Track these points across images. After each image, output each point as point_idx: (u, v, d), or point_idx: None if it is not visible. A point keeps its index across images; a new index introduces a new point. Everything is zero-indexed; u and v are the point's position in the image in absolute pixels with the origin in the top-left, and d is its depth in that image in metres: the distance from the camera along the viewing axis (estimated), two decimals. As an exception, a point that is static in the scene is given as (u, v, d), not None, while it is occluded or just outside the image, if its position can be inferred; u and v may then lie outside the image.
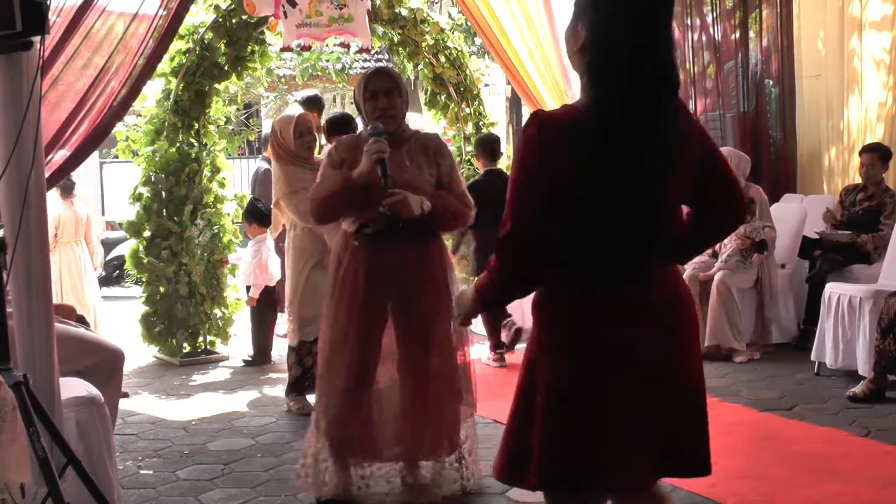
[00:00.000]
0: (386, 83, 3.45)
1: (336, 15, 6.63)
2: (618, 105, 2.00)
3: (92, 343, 3.62)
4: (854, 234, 6.23)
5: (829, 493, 3.58)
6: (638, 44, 2.00)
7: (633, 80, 1.99)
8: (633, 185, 2.01)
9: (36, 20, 2.47)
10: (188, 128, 6.43)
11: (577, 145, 1.99)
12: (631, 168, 2.00)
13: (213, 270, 6.53)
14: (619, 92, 2.00)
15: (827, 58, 7.73)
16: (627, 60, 1.99)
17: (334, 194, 3.39)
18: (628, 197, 2.01)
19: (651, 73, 2.00)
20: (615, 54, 2.00)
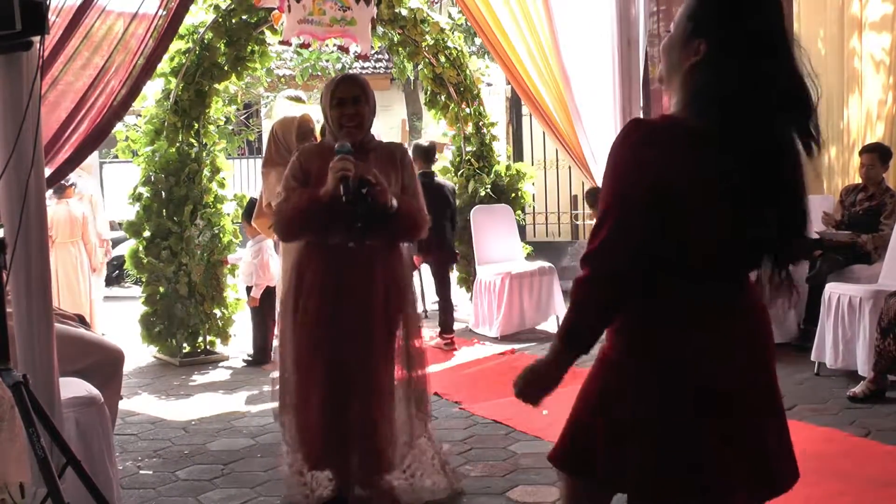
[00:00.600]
0: (354, 90, 3.34)
1: (339, 16, 6.63)
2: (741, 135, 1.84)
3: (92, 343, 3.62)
4: (854, 234, 6.23)
5: (829, 493, 3.57)
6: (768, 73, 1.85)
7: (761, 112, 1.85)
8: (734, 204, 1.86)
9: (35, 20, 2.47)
10: (188, 128, 6.43)
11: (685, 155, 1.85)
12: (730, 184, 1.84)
13: (213, 270, 6.53)
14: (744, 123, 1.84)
15: (827, 57, 7.72)
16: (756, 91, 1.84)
17: (299, 213, 3.27)
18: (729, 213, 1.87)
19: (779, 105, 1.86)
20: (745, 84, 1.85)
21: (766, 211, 1.88)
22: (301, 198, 3.27)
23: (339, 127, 3.34)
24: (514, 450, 4.19)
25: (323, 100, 3.40)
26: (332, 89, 3.36)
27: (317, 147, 3.50)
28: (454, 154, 8.45)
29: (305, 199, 3.26)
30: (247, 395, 5.54)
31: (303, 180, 3.34)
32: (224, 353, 6.61)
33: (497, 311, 7.11)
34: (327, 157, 3.26)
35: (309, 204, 3.24)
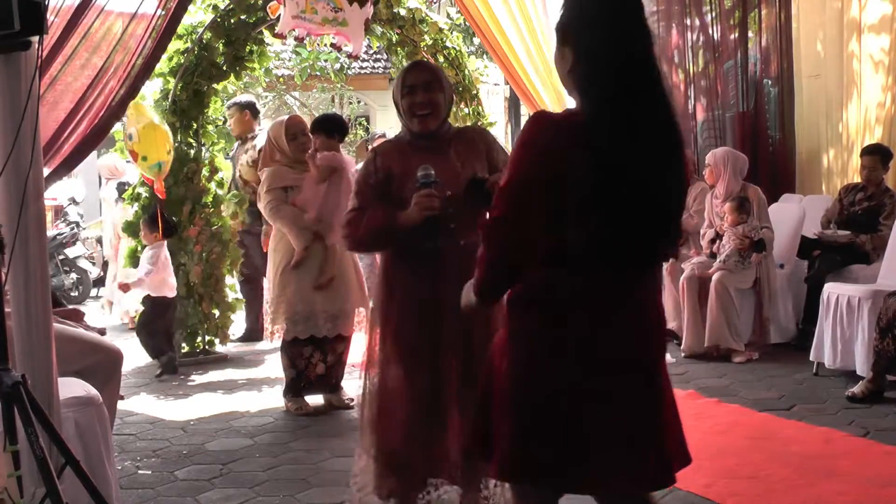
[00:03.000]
0: (424, 76, 3.09)
1: (330, 17, 6.62)
2: (609, 115, 2.05)
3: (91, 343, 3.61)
4: (853, 234, 6.23)
5: (828, 493, 3.58)
6: (622, 55, 2.07)
7: (622, 89, 2.05)
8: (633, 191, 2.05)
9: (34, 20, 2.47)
10: (186, 128, 6.42)
11: (579, 148, 2.02)
12: (630, 176, 2.05)
13: (212, 270, 6.53)
14: (610, 101, 2.06)
15: (826, 59, 7.73)
16: (615, 71, 2.06)
17: (373, 234, 3.02)
18: (632, 201, 2.05)
19: (638, 81, 2.07)
20: (602, 67, 2.07)
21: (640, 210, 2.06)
22: (377, 218, 3.00)
23: (411, 116, 3.07)
24: (513, 450, 4.19)
25: (394, 89, 3.16)
26: (402, 77, 3.11)
27: (393, 144, 3.21)
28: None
29: (380, 223, 2.99)
30: (245, 395, 5.53)
31: (383, 182, 3.06)
32: (223, 353, 6.60)
33: (496, 311, 7.10)
34: (406, 152, 3.07)
35: (385, 227, 2.98)
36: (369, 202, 3.05)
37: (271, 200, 4.92)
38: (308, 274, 4.90)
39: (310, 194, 4.92)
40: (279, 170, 4.97)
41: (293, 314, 4.90)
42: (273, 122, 5.32)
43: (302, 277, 4.90)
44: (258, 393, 5.59)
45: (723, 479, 3.75)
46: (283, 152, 4.98)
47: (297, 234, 4.86)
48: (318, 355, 5.01)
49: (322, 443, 4.47)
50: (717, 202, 6.44)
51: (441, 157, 3.03)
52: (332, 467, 4.08)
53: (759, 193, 6.38)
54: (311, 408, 5.04)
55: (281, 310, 4.92)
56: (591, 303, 2.09)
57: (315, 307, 4.89)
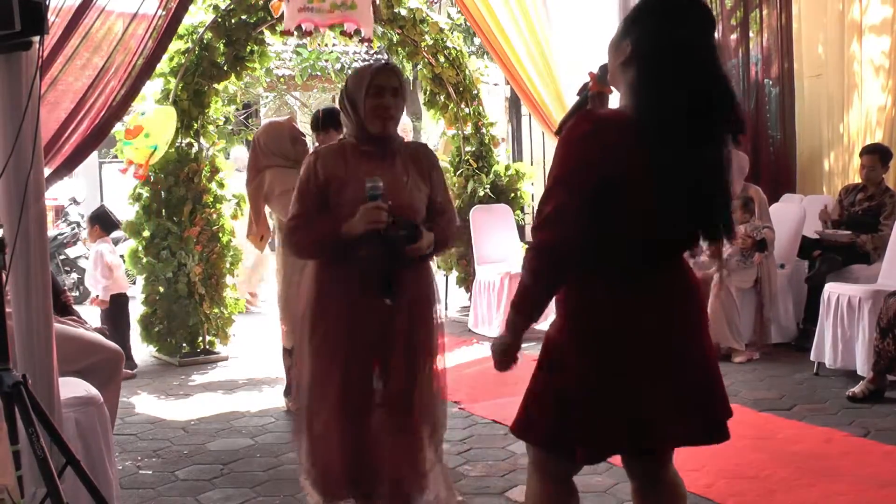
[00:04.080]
0: (393, 81, 3.00)
1: (339, 2, 6.60)
2: (668, 117, 2.07)
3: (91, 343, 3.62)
4: (853, 234, 6.23)
5: (829, 493, 3.58)
6: (685, 62, 2.08)
7: (681, 95, 2.06)
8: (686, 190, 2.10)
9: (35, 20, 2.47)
10: (187, 128, 6.43)
11: (632, 147, 2.06)
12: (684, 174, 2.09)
13: (212, 270, 6.53)
14: (668, 105, 2.07)
15: (827, 61, 7.73)
16: (674, 77, 2.07)
17: (316, 244, 3.00)
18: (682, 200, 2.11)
19: (700, 88, 2.08)
20: (660, 69, 2.08)
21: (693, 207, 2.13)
22: (320, 228, 2.96)
23: (374, 118, 2.97)
24: (513, 450, 4.19)
25: (353, 86, 3.01)
26: (369, 77, 2.97)
27: (337, 148, 3.09)
28: (453, 154, 8.45)
29: (325, 231, 2.95)
30: (246, 396, 5.54)
31: (323, 186, 2.99)
32: (223, 353, 6.60)
33: (496, 310, 7.11)
34: (350, 156, 3.00)
35: (328, 237, 2.94)
36: (312, 208, 2.98)
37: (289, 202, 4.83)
38: None
39: None
40: (284, 171, 4.89)
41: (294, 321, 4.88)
42: (262, 128, 5.25)
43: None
44: (259, 393, 5.60)
45: (723, 478, 3.75)
46: (284, 155, 4.93)
47: None
48: (319, 355, 5.00)
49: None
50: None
51: (387, 164, 3.00)
52: (332, 467, 4.08)
53: (760, 193, 6.38)
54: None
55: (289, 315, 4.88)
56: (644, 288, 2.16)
57: None
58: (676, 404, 2.19)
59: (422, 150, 3.22)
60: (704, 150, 2.11)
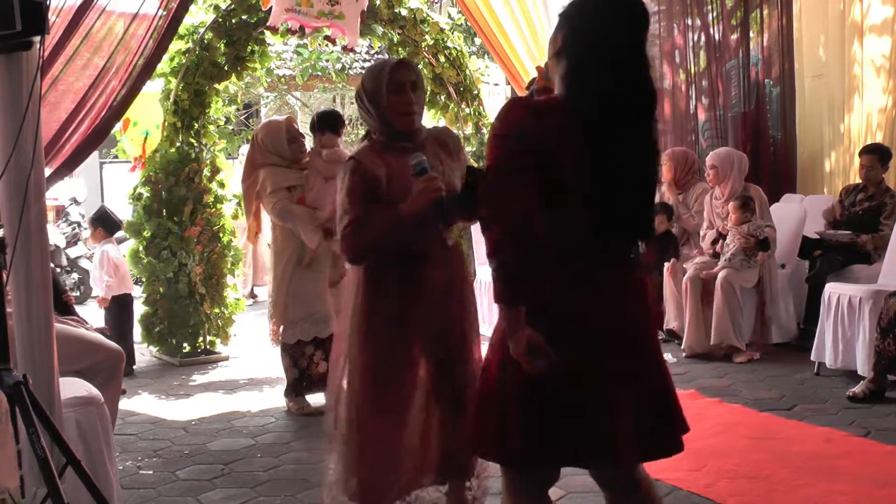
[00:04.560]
0: (412, 76, 2.99)
1: (326, 10, 6.60)
2: (593, 107, 2.14)
3: (92, 343, 3.62)
4: (854, 234, 6.23)
5: (829, 493, 3.58)
6: (611, 53, 2.16)
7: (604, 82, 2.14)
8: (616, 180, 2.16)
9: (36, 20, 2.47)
10: (188, 128, 6.43)
11: (563, 138, 2.11)
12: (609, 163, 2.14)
13: (213, 270, 6.53)
14: (594, 94, 2.14)
15: (828, 62, 7.72)
16: (600, 66, 2.15)
17: (378, 236, 2.91)
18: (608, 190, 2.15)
19: (624, 80, 2.16)
20: (589, 58, 2.16)
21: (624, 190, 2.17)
22: (377, 222, 2.90)
23: (399, 115, 2.95)
24: (514, 450, 4.19)
25: (371, 86, 2.98)
26: (387, 74, 2.94)
27: (369, 149, 3.03)
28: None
29: (384, 222, 2.90)
30: (247, 396, 5.54)
31: (369, 191, 2.93)
32: (224, 353, 6.60)
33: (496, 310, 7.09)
34: (385, 154, 2.96)
35: (389, 226, 2.89)
36: (364, 210, 2.93)
37: (280, 200, 4.87)
38: (321, 273, 4.90)
39: (321, 192, 4.90)
40: (278, 170, 4.92)
41: (308, 315, 4.90)
42: (261, 125, 5.27)
43: (317, 277, 4.90)
44: (259, 393, 5.60)
45: (724, 479, 3.75)
46: (280, 154, 4.96)
47: (313, 231, 4.84)
48: (319, 354, 5.02)
49: (323, 443, 4.44)
50: (718, 202, 6.44)
51: (412, 154, 2.94)
52: (333, 467, 4.08)
53: (761, 193, 6.38)
54: (313, 408, 5.04)
55: (291, 310, 4.90)
56: (580, 287, 2.16)
57: (329, 306, 4.90)
58: (634, 414, 2.16)
59: (444, 132, 3.22)
60: (631, 143, 2.17)
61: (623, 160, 2.15)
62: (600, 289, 2.17)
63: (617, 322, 2.18)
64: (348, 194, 2.93)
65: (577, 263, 2.16)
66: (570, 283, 2.15)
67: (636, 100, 2.19)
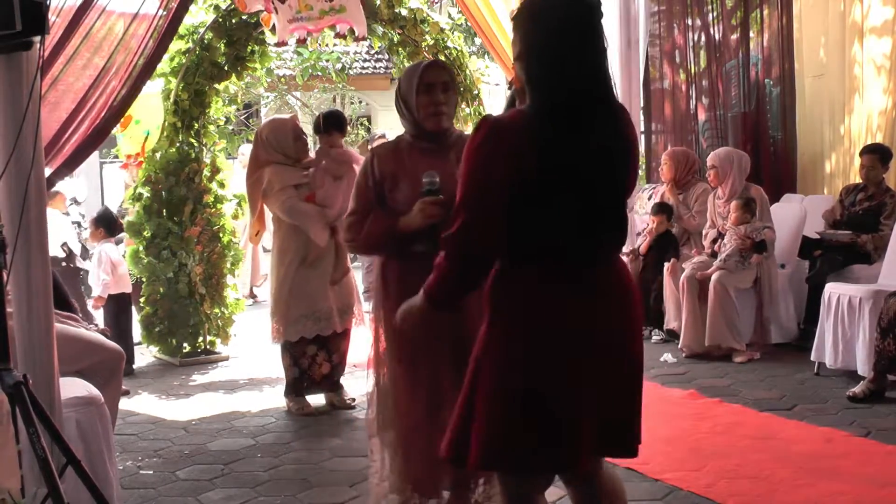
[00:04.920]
0: (443, 76, 3.01)
1: (327, 7, 6.59)
2: (553, 115, 2.12)
3: (92, 343, 3.62)
4: (854, 234, 6.23)
5: (829, 493, 3.58)
6: (566, 58, 2.13)
7: (562, 92, 2.13)
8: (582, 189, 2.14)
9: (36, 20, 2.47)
10: (188, 128, 6.43)
11: (527, 149, 2.09)
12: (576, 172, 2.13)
13: (213, 270, 6.53)
14: (551, 103, 2.13)
15: (828, 62, 7.72)
16: (557, 73, 2.13)
17: (373, 238, 3.01)
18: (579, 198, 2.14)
19: (580, 85, 2.14)
20: (544, 67, 2.14)
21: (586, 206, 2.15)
22: (376, 224, 3.00)
23: (428, 115, 2.99)
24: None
25: (404, 86, 3.03)
26: (418, 74, 2.99)
27: (392, 146, 3.13)
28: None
29: (381, 228, 2.99)
30: (247, 395, 5.54)
31: (375, 186, 3.04)
32: (224, 353, 6.60)
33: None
34: (406, 153, 3.04)
35: (384, 233, 2.98)
36: (368, 206, 3.04)
37: (290, 198, 4.86)
38: (325, 271, 4.90)
39: (329, 190, 4.90)
40: (283, 169, 4.93)
41: (311, 312, 4.90)
42: (265, 123, 5.28)
43: (321, 275, 4.90)
44: (260, 393, 5.60)
45: (724, 479, 3.75)
46: (284, 152, 4.96)
47: (322, 229, 4.85)
48: (322, 354, 5.02)
49: (323, 443, 4.47)
50: (720, 202, 6.44)
51: (441, 160, 2.99)
52: (333, 467, 4.08)
53: (762, 193, 6.38)
54: (313, 408, 5.05)
55: (294, 308, 4.89)
56: (560, 293, 2.15)
57: (331, 303, 4.91)
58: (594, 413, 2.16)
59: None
60: (590, 148, 2.14)
61: (588, 168, 2.14)
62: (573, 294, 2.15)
63: (590, 327, 2.16)
64: (356, 186, 3.08)
65: (550, 271, 2.15)
66: (545, 290, 2.15)
67: (594, 104, 2.16)
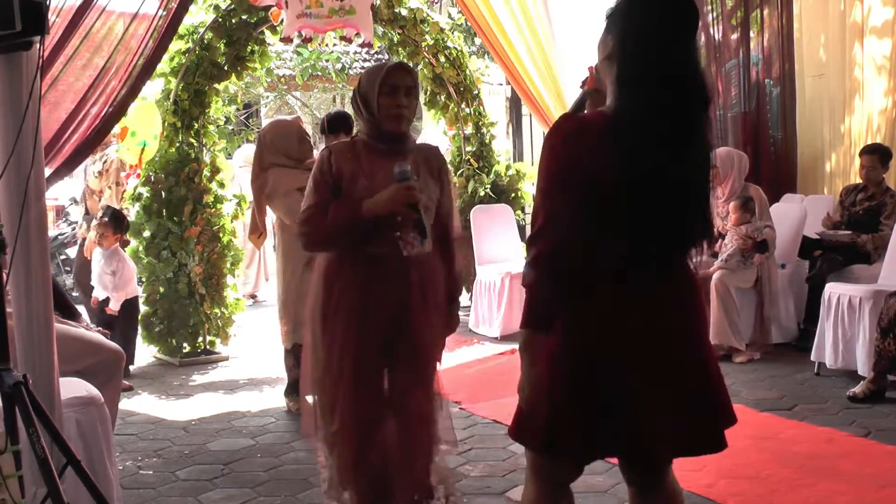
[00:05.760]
0: (408, 80, 3.00)
1: (337, 7, 6.59)
2: (646, 114, 2.07)
3: (92, 343, 3.62)
4: (854, 234, 6.23)
5: (829, 493, 3.58)
6: (664, 58, 2.08)
7: (659, 91, 2.07)
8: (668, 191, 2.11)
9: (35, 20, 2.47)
10: (188, 128, 6.43)
11: (611, 149, 2.05)
12: (666, 174, 2.09)
13: (213, 270, 6.53)
14: (646, 102, 2.07)
15: (828, 63, 7.72)
16: (654, 73, 2.07)
17: (337, 230, 2.96)
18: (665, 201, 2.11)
19: (678, 84, 2.09)
20: (641, 66, 2.08)
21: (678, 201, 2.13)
22: (340, 214, 2.94)
23: (388, 117, 2.97)
24: (514, 449, 4.19)
25: (365, 85, 3.00)
26: (382, 76, 2.96)
27: (349, 145, 3.10)
28: (454, 154, 8.45)
29: (346, 217, 2.94)
30: (247, 395, 5.54)
31: (333, 182, 3.00)
32: (224, 353, 6.60)
33: (497, 310, 7.10)
34: (362, 154, 3.01)
35: (349, 222, 2.93)
36: (327, 199, 2.99)
37: (295, 202, 4.83)
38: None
39: None
40: (287, 172, 4.88)
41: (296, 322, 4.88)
42: (269, 125, 5.26)
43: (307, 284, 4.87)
44: (259, 393, 5.60)
45: (724, 478, 3.75)
46: (288, 154, 4.92)
47: None
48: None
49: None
50: (720, 202, 6.44)
51: (399, 162, 2.96)
52: (333, 467, 4.08)
53: (761, 193, 6.38)
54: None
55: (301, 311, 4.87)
56: (634, 291, 2.14)
57: None
58: (672, 412, 2.16)
59: (433, 152, 3.23)
60: (682, 149, 2.11)
61: (670, 172, 2.10)
62: (642, 295, 2.15)
63: (655, 329, 2.15)
64: (314, 179, 3.03)
65: (621, 274, 2.14)
66: (613, 292, 2.14)
67: (686, 108, 2.11)
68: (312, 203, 3.01)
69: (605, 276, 2.14)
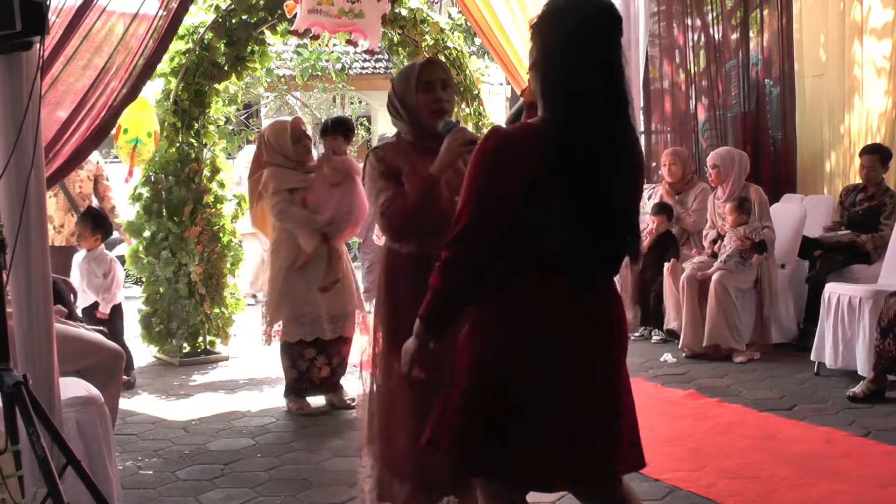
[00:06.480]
0: (441, 73, 3.00)
1: (347, 8, 6.59)
2: (570, 126, 2.07)
3: (92, 343, 3.62)
4: (854, 234, 6.23)
5: (829, 493, 3.58)
6: (585, 67, 2.07)
7: (581, 104, 2.07)
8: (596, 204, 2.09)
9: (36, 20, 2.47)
10: (188, 128, 6.43)
11: (538, 162, 2.04)
12: (592, 187, 2.08)
13: (213, 270, 6.53)
14: (570, 114, 2.07)
15: (828, 63, 7.72)
16: (571, 86, 2.07)
17: (417, 203, 2.90)
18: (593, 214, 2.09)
19: (601, 97, 2.08)
20: (561, 74, 2.09)
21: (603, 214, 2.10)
22: (416, 189, 2.90)
23: (430, 113, 2.96)
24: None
25: (400, 87, 3.01)
26: (415, 73, 2.97)
27: (395, 145, 3.08)
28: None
29: (421, 189, 2.89)
30: (247, 395, 5.54)
31: (397, 173, 2.97)
32: (224, 353, 6.60)
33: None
34: (410, 153, 2.99)
35: (427, 191, 2.88)
36: (399, 188, 2.94)
37: (280, 202, 4.87)
38: (314, 276, 4.91)
39: (323, 196, 4.91)
40: (281, 171, 4.93)
41: (298, 316, 4.90)
42: (269, 124, 5.30)
43: (309, 279, 4.90)
44: (260, 393, 5.60)
45: (724, 478, 3.75)
46: (284, 154, 4.97)
47: (310, 235, 4.85)
48: (321, 359, 5.02)
49: (323, 443, 4.47)
50: (720, 202, 6.44)
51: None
52: (333, 467, 4.08)
53: (761, 193, 6.38)
54: (313, 408, 5.05)
55: (282, 310, 4.92)
56: (554, 303, 2.11)
57: (320, 309, 4.90)
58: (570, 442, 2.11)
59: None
60: (606, 162, 2.09)
61: (599, 185, 2.08)
62: (571, 317, 2.12)
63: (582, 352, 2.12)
64: (380, 177, 2.98)
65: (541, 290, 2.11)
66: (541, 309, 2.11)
67: (610, 119, 2.11)
68: (388, 195, 2.95)
69: (522, 291, 2.11)
